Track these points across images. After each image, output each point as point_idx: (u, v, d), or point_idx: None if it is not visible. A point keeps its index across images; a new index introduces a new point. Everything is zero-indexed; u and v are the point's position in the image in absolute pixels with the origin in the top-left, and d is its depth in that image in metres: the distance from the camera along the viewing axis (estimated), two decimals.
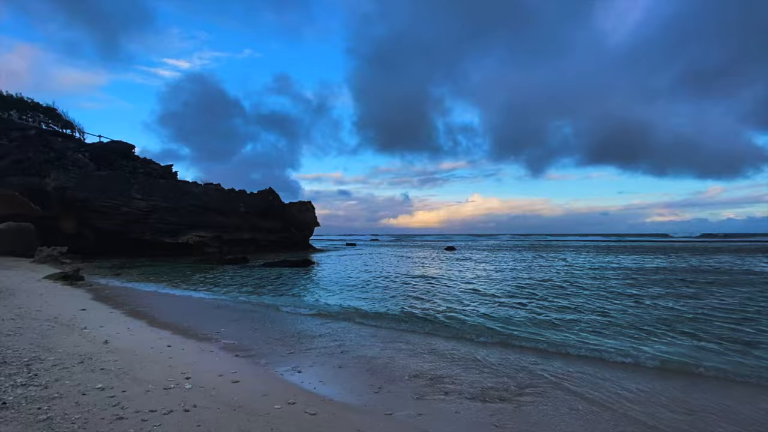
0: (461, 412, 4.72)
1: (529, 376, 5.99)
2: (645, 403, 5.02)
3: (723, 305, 11.64)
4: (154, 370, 5.43)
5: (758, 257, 32.95)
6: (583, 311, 11.01)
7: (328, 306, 12.04)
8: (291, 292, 15.02)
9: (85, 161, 32.86)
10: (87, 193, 30.37)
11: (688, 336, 8.33)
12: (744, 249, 48.41)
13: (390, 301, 12.78)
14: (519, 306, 11.85)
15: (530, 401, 5.05)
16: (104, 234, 31.93)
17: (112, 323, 8.58)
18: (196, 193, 38.59)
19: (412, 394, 5.20)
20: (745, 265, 25.75)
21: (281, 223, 46.29)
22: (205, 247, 37.19)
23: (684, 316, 10.25)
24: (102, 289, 14.49)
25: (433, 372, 6.16)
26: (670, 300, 12.66)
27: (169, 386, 4.79)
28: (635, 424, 4.45)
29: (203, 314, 10.67)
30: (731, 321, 9.62)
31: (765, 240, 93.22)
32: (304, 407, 4.52)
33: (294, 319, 10.20)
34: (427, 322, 9.81)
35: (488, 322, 9.78)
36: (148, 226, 33.97)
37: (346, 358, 6.88)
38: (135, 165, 36.92)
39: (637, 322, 9.56)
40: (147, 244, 34.00)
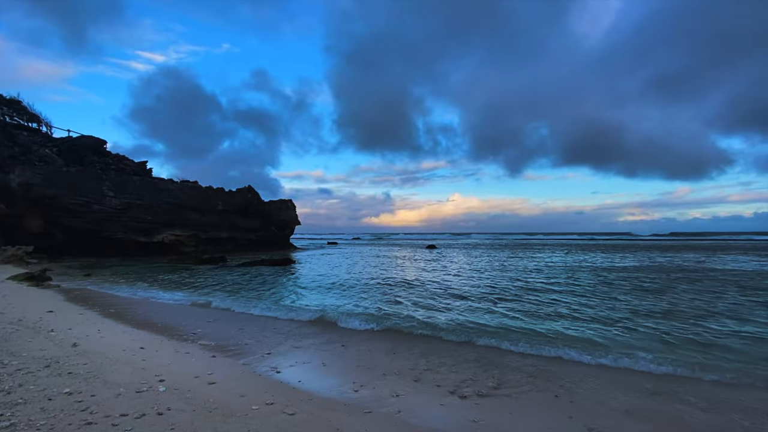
0: (440, 407, 4.78)
1: (504, 372, 6.11)
2: (611, 398, 5.21)
3: (683, 301, 12.18)
4: (125, 372, 5.26)
5: (718, 254, 34.64)
6: (555, 309, 11.31)
7: (307, 306, 11.95)
8: (270, 291, 14.82)
9: (53, 157, 31.42)
10: (55, 190, 29.07)
11: (650, 331, 8.69)
12: (707, 247, 50.83)
13: (369, 301, 12.79)
14: (495, 304, 12.07)
15: (505, 395, 5.15)
16: (74, 233, 30.65)
17: (81, 325, 8.26)
18: (172, 190, 37.52)
19: (391, 392, 5.22)
20: (707, 263, 27.02)
21: (261, 222, 45.60)
22: (181, 246, 36.24)
23: (647, 311, 10.68)
24: (71, 290, 13.92)
25: (412, 369, 6.20)
26: (636, 296, 13.16)
27: (141, 389, 4.66)
28: (604, 417, 4.61)
29: (178, 315, 10.41)
30: (691, 316, 10.08)
31: (728, 239, 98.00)
32: (282, 407, 4.47)
33: (273, 320, 10.07)
34: (406, 321, 9.87)
35: (465, 319, 9.92)
36: (121, 224, 32.82)
37: (326, 357, 6.85)
38: (107, 161, 35.53)
39: (604, 318, 9.89)
40: (120, 243, 32.84)
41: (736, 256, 32.30)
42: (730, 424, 4.35)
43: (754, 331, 8.51)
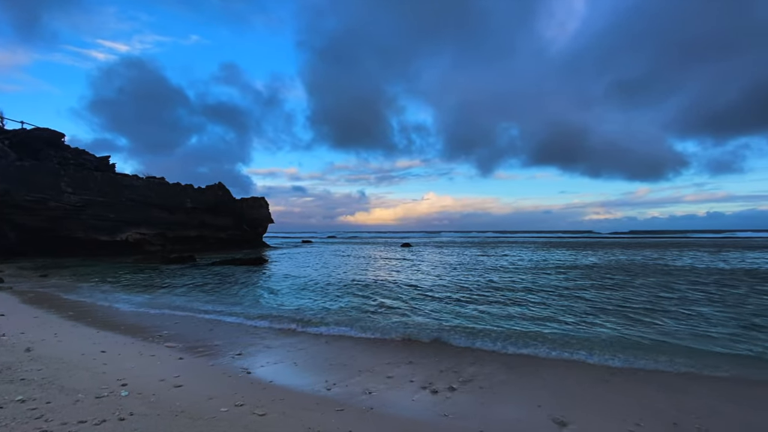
0: (412, 402, 4.84)
1: (475, 367, 6.26)
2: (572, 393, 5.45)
3: (639, 296, 12.88)
4: (84, 378, 5.01)
5: (672, 251, 36.81)
6: (521, 306, 11.68)
7: (281, 306, 11.77)
8: (242, 291, 14.50)
9: (5, 150, 29.35)
10: (6, 186, 27.19)
11: (610, 325, 9.14)
12: (663, 245, 53.89)
13: (343, 300, 12.75)
14: (465, 302, 12.32)
15: (476, 388, 5.28)
16: (28, 231, 28.82)
17: (36, 329, 7.79)
18: (136, 187, 35.94)
19: (364, 389, 5.24)
20: (662, 260, 28.63)
21: (232, 220, 44.45)
22: (147, 245, 34.82)
23: (608, 306, 11.22)
24: (25, 293, 13.10)
25: (385, 367, 6.24)
26: (596, 292, 13.79)
27: (101, 394, 4.45)
28: (569, 407, 4.81)
29: (143, 317, 10.00)
30: (646, 311, 10.68)
31: (682, 237, 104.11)
32: (252, 408, 4.40)
33: (244, 320, 9.86)
34: (380, 320, 9.91)
35: (438, 317, 10.08)
36: (81, 222, 31.13)
37: (298, 357, 6.78)
38: (65, 155, 33.57)
39: (568, 313, 10.31)
40: (80, 242, 31.16)
41: (691, 253, 34.38)
42: (684, 410, 4.64)
43: (703, 324, 9.09)
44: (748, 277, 17.51)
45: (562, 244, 60.00)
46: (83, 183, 31.56)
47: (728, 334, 8.09)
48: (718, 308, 10.66)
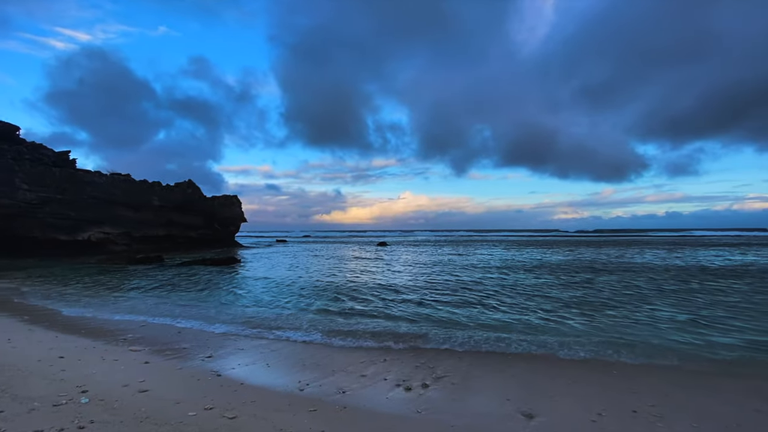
0: (386, 400, 4.87)
1: (448, 364, 6.37)
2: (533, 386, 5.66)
3: (601, 292, 13.50)
4: (40, 385, 4.75)
5: (633, 249, 38.75)
6: (492, 305, 11.98)
7: (252, 307, 11.55)
8: (212, 292, 14.12)
9: None
10: None
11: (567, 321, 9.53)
12: (625, 243, 56.57)
13: (317, 300, 12.66)
14: (437, 301, 12.51)
15: (449, 384, 5.38)
16: None
17: None
18: (99, 184, 34.27)
19: (337, 389, 5.23)
20: (623, 257, 30.06)
21: (203, 219, 43.16)
22: (110, 245, 33.29)
23: (572, 303, 11.70)
24: None
25: (359, 366, 6.25)
26: (561, 289, 14.33)
27: (59, 402, 4.24)
28: (536, 400, 4.98)
29: (106, 320, 9.57)
30: (607, 306, 11.20)
31: (643, 235, 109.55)
32: (222, 411, 4.30)
33: (215, 322, 9.61)
34: (354, 320, 9.91)
35: (413, 315, 10.19)
36: (38, 221, 29.38)
37: (270, 358, 6.68)
38: (20, 150, 31.52)
39: (534, 310, 10.68)
40: (37, 242, 29.40)
41: (650, 251, 36.26)
42: (642, 399, 4.90)
43: (658, 318, 9.63)
44: (700, 273, 18.66)
45: (531, 242, 61.88)
46: (40, 179, 29.78)
47: (679, 327, 8.60)
48: (671, 303, 11.31)
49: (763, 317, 9.40)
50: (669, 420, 4.30)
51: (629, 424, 4.23)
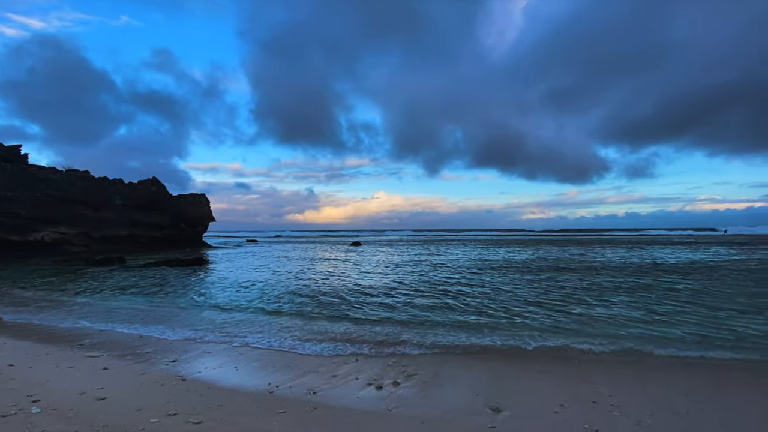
0: (357, 400, 4.87)
1: (419, 362, 6.46)
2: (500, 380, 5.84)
3: (563, 288, 14.10)
4: None
5: (595, 247, 40.65)
6: (461, 303, 12.25)
7: (219, 309, 11.24)
8: (177, 294, 13.61)
9: None
10: None
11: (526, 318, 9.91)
12: (588, 242, 59.24)
13: (288, 301, 12.49)
14: (409, 300, 12.64)
15: (420, 382, 5.45)
16: None
17: None
18: (54, 181, 32.24)
19: (308, 390, 5.18)
20: (586, 255, 31.46)
21: (169, 218, 41.50)
22: (67, 245, 31.41)
23: (534, 300, 12.15)
24: None
25: (329, 367, 6.23)
26: (527, 286, 14.85)
27: (8, 413, 3.97)
28: (503, 395, 5.14)
29: (61, 324, 9.03)
30: (571, 302, 11.72)
31: (605, 234, 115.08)
32: (187, 417, 4.17)
33: (180, 324, 9.28)
34: (326, 321, 9.85)
35: (384, 316, 10.24)
36: None
37: (239, 361, 6.53)
38: None
39: (499, 308, 11.01)
40: None
41: (611, 249, 38.12)
42: (600, 390, 5.16)
43: (615, 312, 10.16)
44: (654, 270, 19.82)
45: (501, 241, 63.58)
46: None
47: (635, 321, 9.11)
48: (628, 298, 11.95)
49: (710, 312, 10.10)
50: (625, 408, 4.55)
51: (589, 413, 4.44)
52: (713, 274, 17.67)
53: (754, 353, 6.85)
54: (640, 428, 4.10)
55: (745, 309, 10.25)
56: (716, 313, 9.79)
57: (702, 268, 20.22)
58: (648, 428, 4.10)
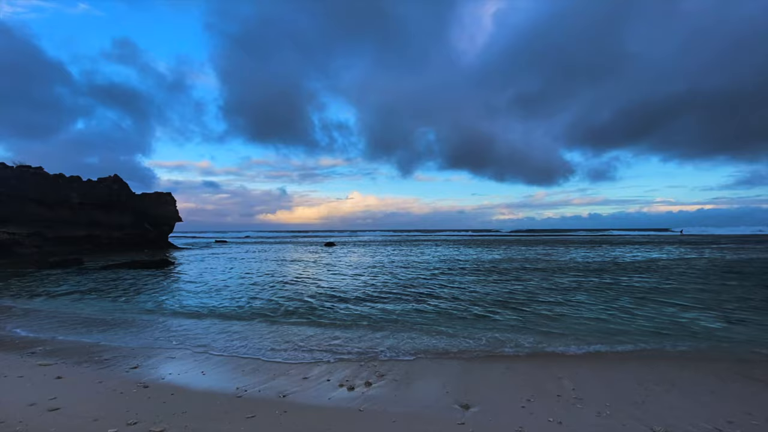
0: (328, 402, 4.83)
1: (390, 362, 6.49)
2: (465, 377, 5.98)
3: (526, 287, 14.60)
4: None
5: (560, 247, 42.32)
6: (431, 303, 12.42)
7: (186, 311, 10.85)
8: (139, 298, 13.02)
9: None
10: None
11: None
12: (553, 241, 61.54)
13: (255, 302, 12.22)
14: (377, 301, 12.68)
15: (391, 381, 5.48)
16: None
17: None
18: (3, 177, 30.05)
19: (278, 393, 5.09)
20: (551, 255, 32.66)
21: (131, 218, 39.62)
22: (16, 246, 29.33)
23: (501, 299, 12.51)
24: None
25: (300, 369, 6.14)
26: (494, 285, 15.26)
27: None
28: (473, 392, 5.25)
29: (9, 331, 8.42)
30: (534, 302, 12.14)
31: (570, 235, 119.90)
32: (148, 425, 3.99)
33: (143, 329, 8.89)
34: (295, 324, 9.71)
35: (355, 315, 10.22)
36: None
37: (206, 365, 6.32)
38: None
39: (468, 307, 11.26)
40: None
41: (575, 249, 39.76)
42: (563, 385, 5.36)
43: (578, 309, 10.61)
44: (614, 268, 20.85)
45: (472, 241, 64.94)
46: None
47: (595, 317, 9.55)
48: (590, 296, 12.52)
49: (663, 308, 10.74)
50: (587, 401, 4.76)
51: (554, 406, 4.61)
52: (666, 272, 18.78)
53: (702, 343, 7.34)
54: (600, 418, 4.30)
55: (694, 304, 10.97)
56: (669, 309, 10.42)
57: (657, 267, 21.46)
58: (607, 418, 4.30)
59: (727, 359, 6.48)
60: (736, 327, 8.57)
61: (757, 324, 8.77)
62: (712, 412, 4.44)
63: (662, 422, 4.19)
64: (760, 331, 8.21)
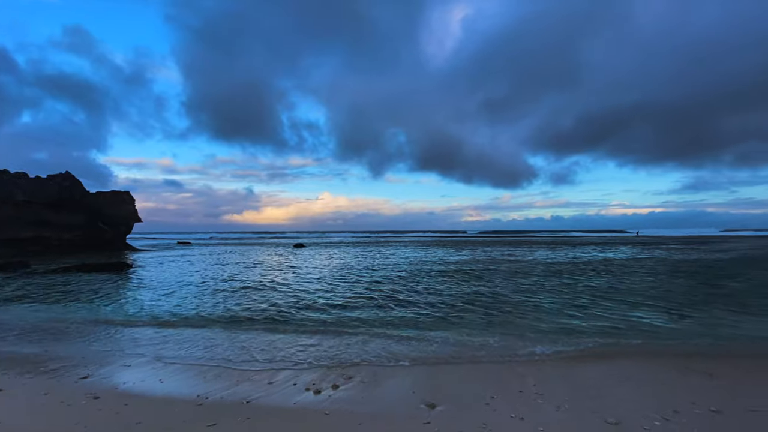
0: (293, 406, 4.74)
1: (357, 366, 6.46)
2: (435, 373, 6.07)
3: (492, 289, 15.05)
4: None
5: (524, 248, 43.90)
6: (398, 304, 12.52)
7: (143, 316, 10.33)
8: (91, 303, 12.25)
9: None
10: None
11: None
12: (518, 242, 63.73)
13: (217, 306, 11.83)
14: (344, 304, 12.63)
15: (358, 383, 5.45)
16: None
17: None
18: None
19: (242, 399, 4.93)
20: (515, 256, 33.80)
21: (85, 218, 37.25)
22: None
23: (467, 299, 12.82)
24: None
25: (264, 374, 6.00)
26: (460, 285, 15.61)
27: None
28: (441, 392, 5.32)
29: None
30: (498, 303, 12.52)
31: (533, 236, 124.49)
32: None
33: (95, 335, 8.36)
34: (256, 328, 9.49)
35: (318, 318, 10.12)
36: None
37: (164, 373, 6.03)
38: None
39: (434, 307, 11.45)
40: None
41: (537, 250, 41.31)
42: (526, 382, 5.54)
43: (539, 308, 11.03)
44: (573, 268, 21.85)
45: (440, 242, 66.05)
46: None
47: (556, 315, 9.96)
48: (550, 295, 13.05)
49: (617, 305, 11.36)
50: (547, 396, 4.94)
51: (516, 402, 4.75)
52: (620, 272, 19.89)
53: (653, 339, 7.82)
54: (559, 412, 4.47)
55: (645, 302, 11.67)
56: (622, 307, 11.02)
57: (612, 266, 22.68)
58: (566, 411, 4.49)
59: (675, 353, 6.93)
60: (683, 322, 9.19)
61: (701, 320, 9.45)
62: (660, 403, 4.73)
63: (615, 414, 4.41)
64: (704, 326, 8.85)
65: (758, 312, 10.11)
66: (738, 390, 5.14)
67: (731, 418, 4.33)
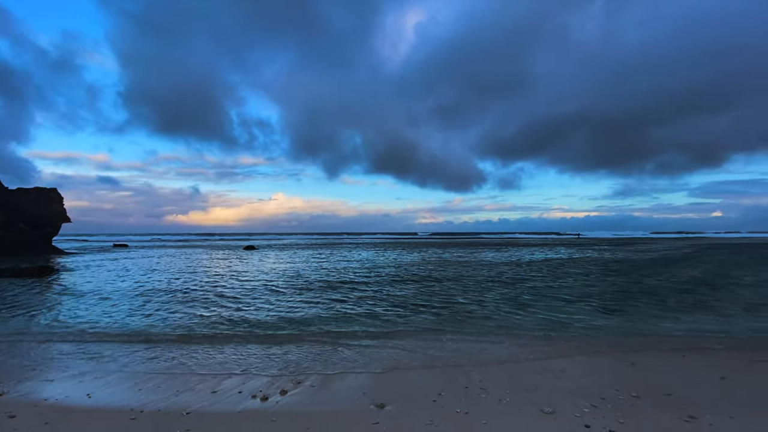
0: (237, 415, 4.56)
1: (307, 371, 6.37)
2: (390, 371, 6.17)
3: (441, 290, 15.57)
4: None
5: (473, 249, 45.79)
6: (348, 306, 12.55)
7: (69, 326, 9.45)
8: (10, 312, 10.99)
9: None
10: None
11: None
12: (465, 244, 66.26)
13: (154, 313, 11.12)
14: (294, 307, 12.44)
15: (308, 386, 5.37)
16: None
17: None
18: None
19: (181, 409, 4.66)
20: (466, 257, 35.12)
21: (3, 218, 33.23)
22: None
23: (414, 300, 13.16)
24: None
25: (208, 383, 5.73)
26: (411, 286, 15.97)
27: None
28: (392, 391, 5.38)
29: None
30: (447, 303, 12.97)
31: (483, 237, 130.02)
32: None
33: (10, 350, 7.51)
34: (199, 338, 9.05)
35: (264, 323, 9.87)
36: None
37: (92, 387, 5.55)
38: None
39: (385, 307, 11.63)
40: None
41: (486, 251, 43.20)
42: (472, 377, 5.77)
43: (488, 306, 11.56)
44: (517, 267, 23.13)
45: (392, 244, 66.91)
46: None
47: (501, 313, 10.50)
48: (496, 294, 13.73)
49: (555, 302, 12.19)
50: (490, 390, 5.19)
51: (462, 398, 4.94)
52: (559, 270, 21.37)
53: (587, 332, 8.49)
54: (500, 405, 4.72)
55: (580, 298, 12.64)
56: (559, 303, 11.85)
57: (551, 266, 24.29)
58: (506, 404, 4.74)
59: (606, 345, 7.57)
60: (613, 316, 10.07)
61: (629, 314, 10.41)
62: (589, 391, 5.15)
63: (550, 403, 4.74)
64: (631, 320, 9.75)
65: (675, 307, 11.33)
66: (656, 377, 5.73)
67: (649, 401, 4.82)
